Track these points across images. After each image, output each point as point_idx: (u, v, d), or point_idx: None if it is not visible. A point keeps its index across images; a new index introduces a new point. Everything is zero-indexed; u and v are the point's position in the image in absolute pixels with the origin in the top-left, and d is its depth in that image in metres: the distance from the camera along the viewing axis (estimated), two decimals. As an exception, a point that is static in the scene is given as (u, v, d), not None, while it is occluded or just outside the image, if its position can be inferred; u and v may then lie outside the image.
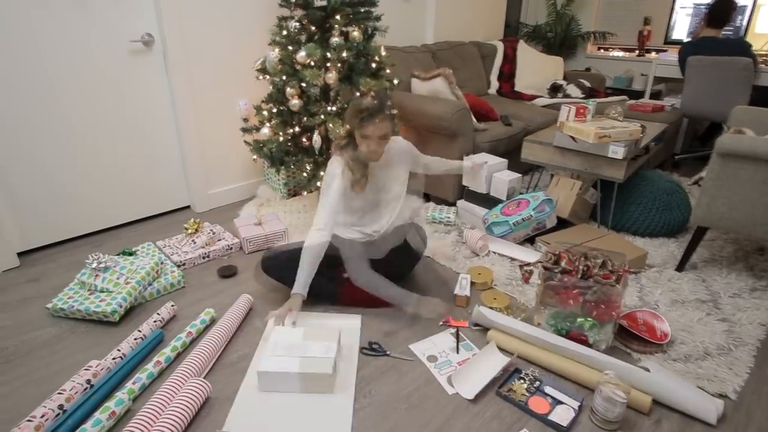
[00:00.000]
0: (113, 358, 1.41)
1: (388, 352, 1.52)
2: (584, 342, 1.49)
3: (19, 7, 1.84)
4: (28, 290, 1.85)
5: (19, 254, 2.07)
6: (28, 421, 1.16)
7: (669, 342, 1.56)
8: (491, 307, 1.72)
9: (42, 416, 1.18)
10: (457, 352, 1.52)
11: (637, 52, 4.25)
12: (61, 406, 1.23)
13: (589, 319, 1.47)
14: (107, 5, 2.04)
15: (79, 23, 1.99)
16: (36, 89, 1.95)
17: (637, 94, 3.98)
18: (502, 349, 1.52)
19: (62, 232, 2.20)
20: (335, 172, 1.61)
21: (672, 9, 3.97)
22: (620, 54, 4.39)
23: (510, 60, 3.80)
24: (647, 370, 1.36)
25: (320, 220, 1.59)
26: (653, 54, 4.16)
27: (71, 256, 2.10)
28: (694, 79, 3.08)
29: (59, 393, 1.25)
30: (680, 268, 2.00)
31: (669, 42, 4.07)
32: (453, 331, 1.62)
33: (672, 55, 3.90)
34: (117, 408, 1.24)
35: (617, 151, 2.04)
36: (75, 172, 2.15)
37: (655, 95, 3.91)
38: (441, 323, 1.66)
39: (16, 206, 2.02)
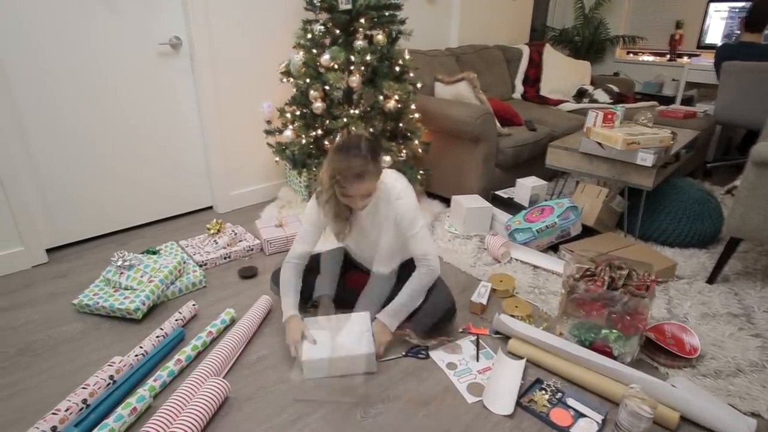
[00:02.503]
0: (135, 355, 1.45)
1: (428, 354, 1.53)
2: (609, 354, 1.46)
3: (53, 10, 1.92)
4: (56, 286, 1.92)
5: (48, 251, 2.15)
6: (53, 414, 1.21)
7: (698, 357, 1.51)
8: (513, 315, 1.70)
9: (66, 410, 1.23)
10: (477, 360, 1.51)
11: (669, 56, 4.16)
12: (84, 401, 1.27)
13: (614, 330, 1.44)
14: (137, 8, 2.12)
15: (110, 26, 2.07)
16: (68, 89, 2.03)
17: (668, 100, 3.89)
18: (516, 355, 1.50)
19: (89, 229, 2.27)
20: (310, 213, 1.55)
21: (705, 12, 3.88)
22: (650, 58, 4.30)
23: (536, 64, 3.77)
24: (674, 386, 1.32)
25: (295, 250, 1.59)
26: (685, 59, 4.06)
27: (97, 254, 2.17)
28: (729, 85, 2.99)
29: (83, 387, 1.29)
30: (711, 280, 1.95)
31: (702, 46, 3.97)
32: (473, 338, 1.61)
33: (705, 59, 3.80)
34: (138, 404, 1.27)
35: (646, 158, 2.00)
36: (103, 171, 2.23)
37: (686, 101, 3.81)
38: (461, 330, 1.65)
39: (46, 204, 2.10)
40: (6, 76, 1.87)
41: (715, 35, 3.89)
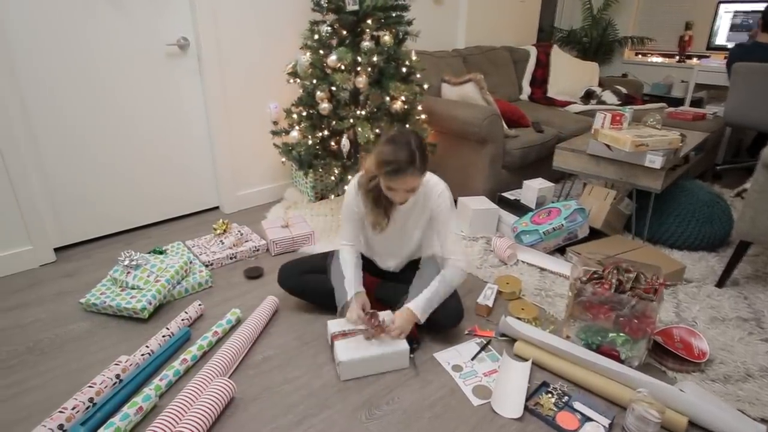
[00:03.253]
0: (142, 355, 1.47)
1: (412, 355, 1.52)
2: (616, 358, 1.46)
3: (61, 11, 1.94)
4: (64, 285, 1.94)
5: (56, 250, 2.17)
6: (60, 412, 1.22)
7: (707, 361, 1.50)
8: (519, 318, 1.70)
9: (73, 408, 1.24)
10: (472, 359, 1.51)
11: (678, 57, 4.14)
12: (91, 399, 1.28)
13: (621, 334, 1.44)
14: (145, 9, 2.14)
15: (118, 27, 2.09)
16: (76, 90, 2.06)
17: (677, 102, 3.87)
18: (522, 358, 1.50)
19: (97, 229, 2.30)
20: (349, 203, 1.57)
21: (715, 13, 3.85)
22: (659, 60, 4.28)
23: (543, 65, 3.76)
24: (682, 391, 1.32)
25: (344, 233, 1.63)
26: (695, 60, 4.04)
27: (105, 253, 2.19)
28: (739, 87, 2.97)
29: (90, 386, 1.31)
30: (720, 284, 1.93)
31: (712, 48, 3.94)
32: (479, 341, 1.61)
33: (715, 61, 3.78)
34: (144, 404, 1.28)
35: (655, 161, 1.99)
36: (111, 171, 2.25)
37: (696, 103, 3.79)
38: (467, 332, 1.65)
39: (54, 203, 2.12)
40: (15, 78, 1.89)
41: (724, 36, 3.86)
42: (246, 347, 1.53)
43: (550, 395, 1.37)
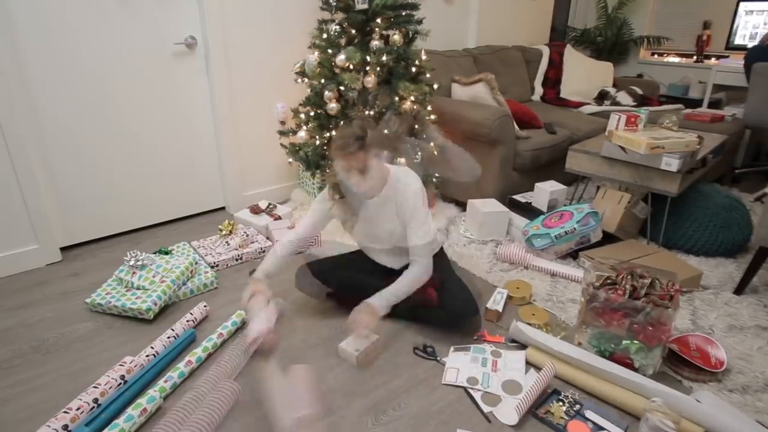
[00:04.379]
0: (147, 356, 1.48)
1: (438, 358, 1.54)
2: (629, 366, 1.44)
3: (70, 9, 1.97)
4: (69, 284, 1.97)
5: (62, 249, 2.20)
6: (65, 412, 1.24)
7: (724, 371, 1.48)
8: (529, 323, 1.69)
9: (77, 409, 1.25)
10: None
11: (695, 57, 4.09)
12: (95, 400, 1.30)
13: (635, 341, 1.42)
14: (153, 8, 2.17)
15: (127, 25, 2.12)
16: (83, 89, 2.09)
17: (694, 103, 3.83)
18: (533, 365, 1.49)
19: (103, 228, 2.32)
20: (320, 197, 1.65)
21: (735, 12, 3.81)
22: (676, 60, 4.24)
23: (556, 65, 3.74)
24: (698, 401, 1.30)
25: (297, 233, 1.67)
26: (713, 60, 3.99)
27: (111, 253, 2.22)
28: (759, 88, 2.93)
29: (94, 387, 1.32)
30: (739, 291, 1.90)
31: (731, 47, 3.89)
32: (489, 345, 1.60)
33: (734, 61, 3.73)
34: (149, 405, 1.29)
35: (671, 163, 1.97)
36: (117, 170, 2.28)
37: (714, 104, 3.75)
38: (475, 337, 1.64)
39: (61, 202, 2.15)
40: (23, 77, 1.93)
41: (744, 36, 3.81)
42: (251, 351, 1.54)
43: (561, 403, 1.36)
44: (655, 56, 4.41)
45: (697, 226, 2.18)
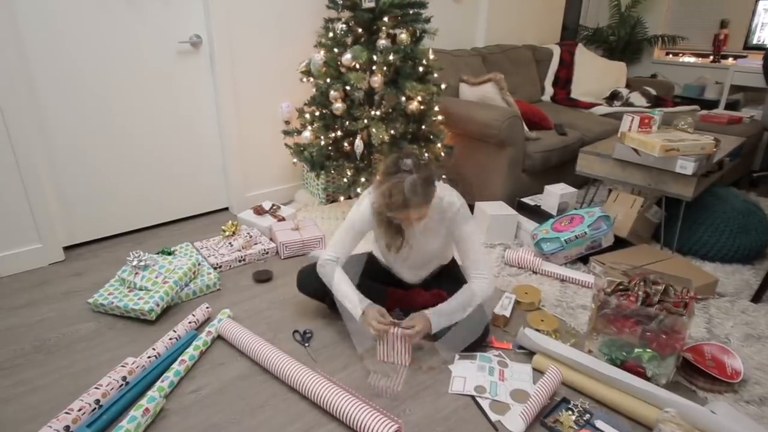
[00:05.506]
0: (148, 357, 1.49)
1: (306, 345, 1.62)
2: (642, 375, 1.42)
3: (74, 7, 1.99)
4: (72, 284, 1.98)
5: (65, 248, 2.22)
6: (66, 413, 1.25)
7: (741, 381, 1.46)
8: (538, 330, 1.67)
9: (79, 410, 1.26)
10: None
11: (712, 57, 4.05)
12: (97, 401, 1.31)
13: (648, 350, 1.41)
14: (158, 6, 2.18)
15: (131, 23, 2.14)
16: (87, 88, 2.10)
17: (711, 104, 3.79)
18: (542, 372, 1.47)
19: (106, 228, 2.34)
20: (363, 212, 1.51)
21: (754, 11, 3.76)
22: (692, 60, 4.20)
23: (567, 65, 3.72)
24: (713, 413, 1.28)
25: (336, 243, 1.58)
26: (730, 60, 3.95)
27: (113, 252, 2.24)
28: (778, 89, 2.90)
29: (96, 388, 1.33)
30: (756, 298, 1.88)
31: (749, 47, 3.85)
32: (497, 352, 1.59)
33: (752, 61, 3.69)
34: (150, 405, 1.30)
35: (686, 166, 1.95)
36: (120, 170, 2.29)
37: (731, 106, 3.71)
38: (483, 344, 1.63)
39: (64, 202, 2.17)
40: (28, 75, 1.95)
41: (763, 35, 3.77)
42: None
43: (570, 412, 1.34)
44: (670, 56, 4.37)
45: (712, 231, 2.15)
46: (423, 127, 2.36)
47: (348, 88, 2.19)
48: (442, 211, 1.51)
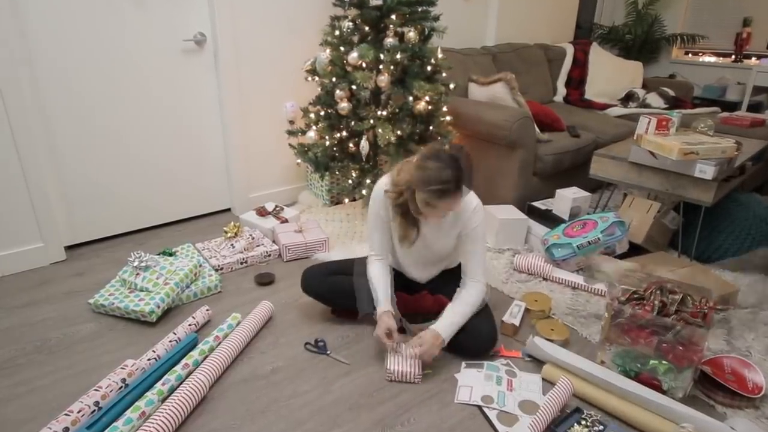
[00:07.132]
0: (148, 359, 1.49)
1: (328, 352, 1.59)
2: (657, 388, 1.40)
3: (80, 5, 2.01)
4: (73, 284, 2.00)
5: (66, 248, 2.24)
6: (66, 415, 1.25)
7: (762, 396, 1.42)
8: (548, 339, 1.65)
9: (78, 411, 1.27)
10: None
11: (734, 57, 4.00)
12: (96, 403, 1.31)
13: (664, 362, 1.38)
14: (163, 3, 2.20)
15: (135, 21, 2.15)
16: (92, 86, 2.12)
17: (732, 106, 3.74)
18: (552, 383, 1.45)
19: (108, 228, 2.36)
20: (375, 205, 1.57)
21: (777, 9, 3.71)
22: (712, 59, 4.15)
23: (580, 64, 3.69)
24: (733, 429, 1.25)
25: (373, 245, 1.64)
26: (753, 60, 3.90)
27: (115, 253, 2.25)
28: (803, 90, 2.85)
29: (96, 390, 1.34)
30: (779, 309, 1.84)
31: (773, 47, 3.80)
32: (504, 361, 1.57)
33: (776, 61, 3.64)
34: (147, 408, 1.31)
35: (706, 171, 1.92)
36: (123, 169, 2.31)
37: (754, 107, 3.65)
38: (491, 353, 1.61)
39: (67, 201, 2.19)
40: (33, 74, 1.97)
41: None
42: (235, 353, 1.56)
43: (582, 425, 1.32)
44: (689, 55, 4.32)
45: (733, 238, 2.12)
46: (431, 127, 2.34)
47: (354, 87, 2.19)
48: (462, 209, 1.52)
